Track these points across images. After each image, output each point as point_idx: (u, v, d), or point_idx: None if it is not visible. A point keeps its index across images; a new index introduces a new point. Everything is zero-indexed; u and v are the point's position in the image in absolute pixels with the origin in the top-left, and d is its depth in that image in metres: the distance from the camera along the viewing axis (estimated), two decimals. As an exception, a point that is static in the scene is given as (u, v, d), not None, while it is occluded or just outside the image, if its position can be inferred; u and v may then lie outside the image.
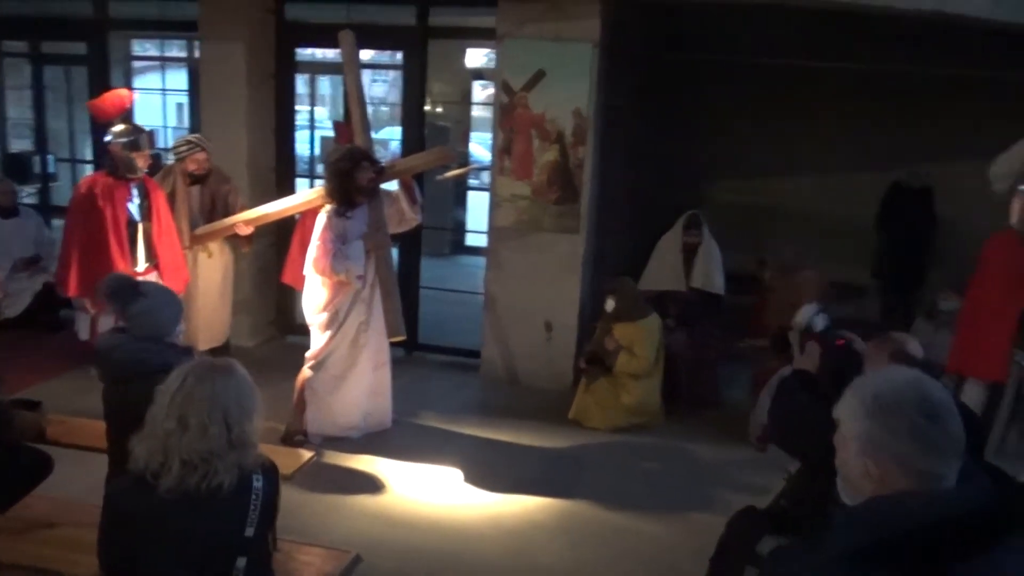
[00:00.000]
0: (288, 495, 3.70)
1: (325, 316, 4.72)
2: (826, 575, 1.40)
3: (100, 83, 6.92)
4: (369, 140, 4.96)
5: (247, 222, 5.22)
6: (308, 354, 4.84)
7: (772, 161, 7.68)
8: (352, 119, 5.04)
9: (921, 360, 2.66)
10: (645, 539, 4.10)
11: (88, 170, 11.38)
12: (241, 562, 2.21)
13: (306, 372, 4.82)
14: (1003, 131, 4.73)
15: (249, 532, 2.21)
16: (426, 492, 4.47)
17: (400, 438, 5.08)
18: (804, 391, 2.82)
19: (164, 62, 13.42)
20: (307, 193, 5.10)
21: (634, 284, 5.58)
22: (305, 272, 4.73)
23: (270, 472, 2.31)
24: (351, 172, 4.55)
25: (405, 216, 4.92)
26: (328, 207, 4.66)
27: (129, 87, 9.80)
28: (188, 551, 2.16)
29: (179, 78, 13.08)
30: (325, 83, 20.77)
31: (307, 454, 3.81)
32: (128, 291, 2.92)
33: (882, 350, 2.72)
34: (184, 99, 12.77)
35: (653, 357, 5.32)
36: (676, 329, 5.74)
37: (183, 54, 12.79)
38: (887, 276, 7.19)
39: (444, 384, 6.10)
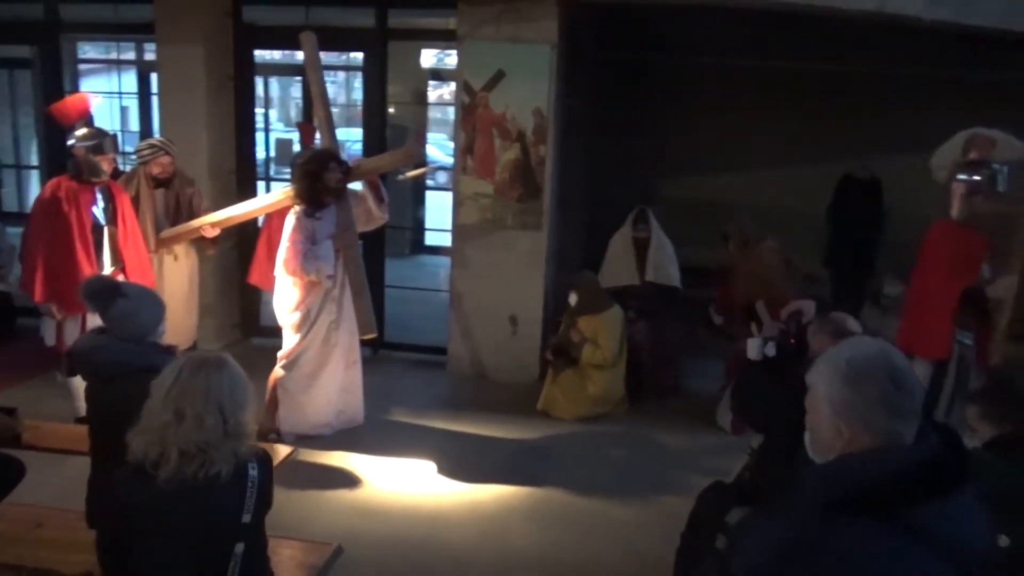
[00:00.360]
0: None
1: (297, 316, 4.77)
2: (804, 527, 1.54)
3: (52, 87, 6.84)
4: (334, 141, 5.02)
5: (213, 224, 5.24)
6: (280, 353, 4.88)
7: (727, 158, 7.90)
8: (317, 120, 5.09)
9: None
10: (615, 521, 4.26)
11: (34, 176, 11.23)
12: (239, 547, 2.28)
13: (278, 371, 4.86)
14: (944, 125, 5.00)
15: (246, 518, 2.28)
16: (401, 484, 4.56)
17: (373, 434, 5.15)
18: (765, 372, 3.01)
19: (112, 64, 13.19)
20: (274, 194, 5.14)
21: (595, 277, 5.73)
22: (276, 273, 4.78)
23: (264, 461, 2.38)
24: (319, 174, 4.62)
25: (373, 215, 5.00)
26: (297, 208, 4.71)
27: (77, 90, 9.67)
28: (187, 538, 2.22)
29: (127, 81, 12.89)
30: (274, 85, 20.63)
31: (285, 450, 3.85)
32: (109, 293, 2.94)
33: (824, 331, 2.91)
34: (130, 102, 12.61)
35: (617, 347, 5.48)
36: (637, 321, 5.91)
37: (132, 56, 12.61)
38: (838, 265, 7.47)
39: (412, 381, 6.19)
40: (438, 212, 9.75)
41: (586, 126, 7.11)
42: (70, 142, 4.69)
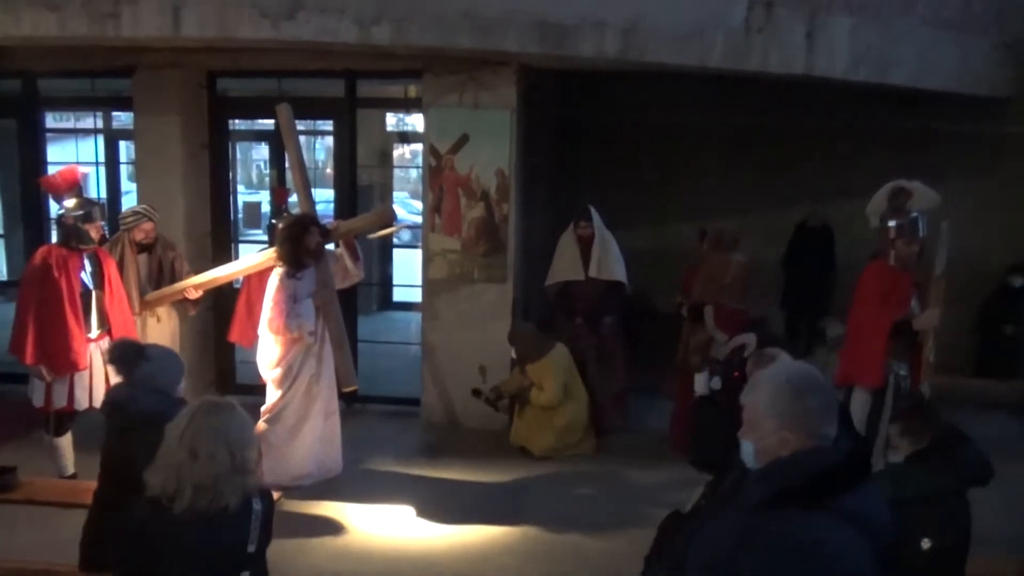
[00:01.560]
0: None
1: (279, 371, 5.03)
2: (750, 519, 1.85)
3: (33, 158, 7.09)
4: (311, 204, 5.35)
5: (196, 286, 5.48)
6: (263, 408, 5.11)
7: (680, 209, 8.35)
8: (295, 186, 5.41)
9: None
10: (590, 552, 4.54)
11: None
12: (245, 575, 2.51)
13: (262, 425, 5.07)
14: (880, 172, 5.47)
15: (251, 548, 2.51)
16: (381, 528, 4.79)
17: (352, 482, 5.37)
18: (708, 409, 3.34)
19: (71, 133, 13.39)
20: (257, 256, 5.42)
21: (530, 326, 6.07)
22: (259, 331, 5.04)
23: (266, 496, 2.63)
24: (301, 237, 4.93)
25: (349, 272, 5.31)
26: (279, 269, 5.00)
27: (44, 160, 9.86)
28: (199, 565, 2.45)
29: (85, 148, 13.07)
30: (238, 148, 20.96)
31: (274, 495, 4.06)
32: (134, 356, 3.21)
33: (759, 364, 3.24)
34: (88, 169, 12.77)
35: (559, 388, 5.78)
36: (582, 325, 6.21)
37: (98, 125, 12.83)
38: (792, 308, 7.89)
39: (387, 431, 6.43)
40: (405, 268, 10.07)
41: (547, 181, 7.53)
42: (59, 212, 4.92)
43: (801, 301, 7.80)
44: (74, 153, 13.08)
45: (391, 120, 12.61)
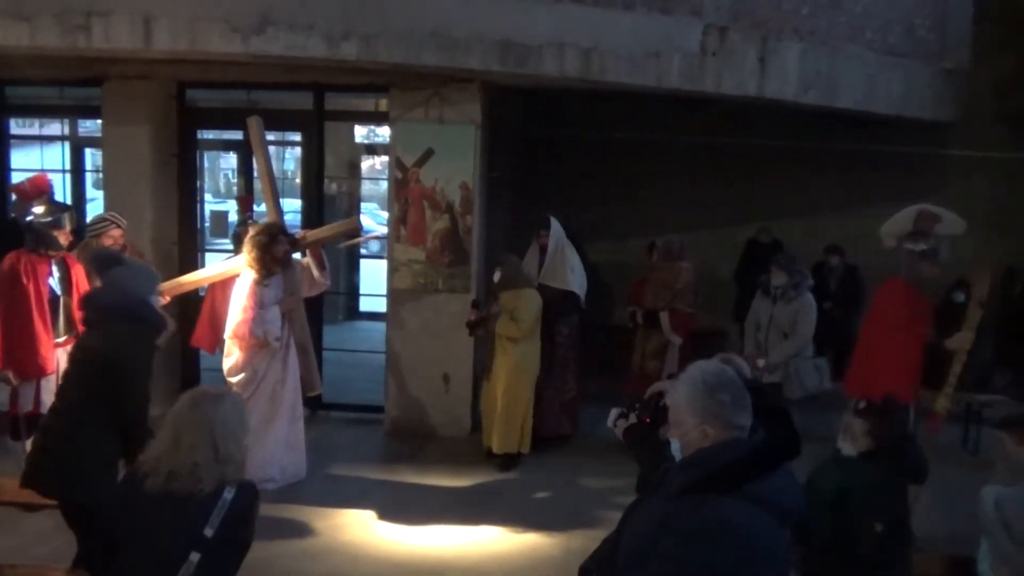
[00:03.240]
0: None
1: (243, 376, 5.14)
2: (673, 505, 2.04)
3: (-2, 165, 7.11)
4: (280, 213, 5.47)
5: (165, 292, 5.53)
6: None
7: (639, 224, 8.60)
8: (264, 196, 5.53)
9: (748, 378, 3.41)
10: (547, 551, 4.73)
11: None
12: (195, 556, 2.49)
13: None
14: (830, 190, 5.74)
15: (208, 532, 2.50)
16: (345, 532, 4.90)
17: (315, 488, 5.48)
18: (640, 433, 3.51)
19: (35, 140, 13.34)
20: (226, 264, 5.52)
21: (518, 261, 6.16)
22: (225, 336, 5.14)
23: (245, 489, 2.60)
24: (268, 245, 5.06)
25: (316, 281, 5.44)
26: (246, 276, 5.11)
27: (7, 166, 9.82)
28: (154, 539, 2.51)
29: (50, 155, 13.01)
30: (205, 158, 20.91)
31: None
32: (110, 261, 3.43)
33: None
34: (56, 176, 12.70)
35: (531, 323, 5.87)
36: None
37: (62, 132, 12.79)
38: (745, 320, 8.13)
39: (351, 438, 6.55)
40: (373, 279, 10.18)
41: (510, 195, 7.72)
42: (28, 218, 4.99)
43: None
44: (39, 160, 13.03)
45: (360, 132, 12.77)
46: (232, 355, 5.15)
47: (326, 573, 4.39)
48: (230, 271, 5.38)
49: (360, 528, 4.94)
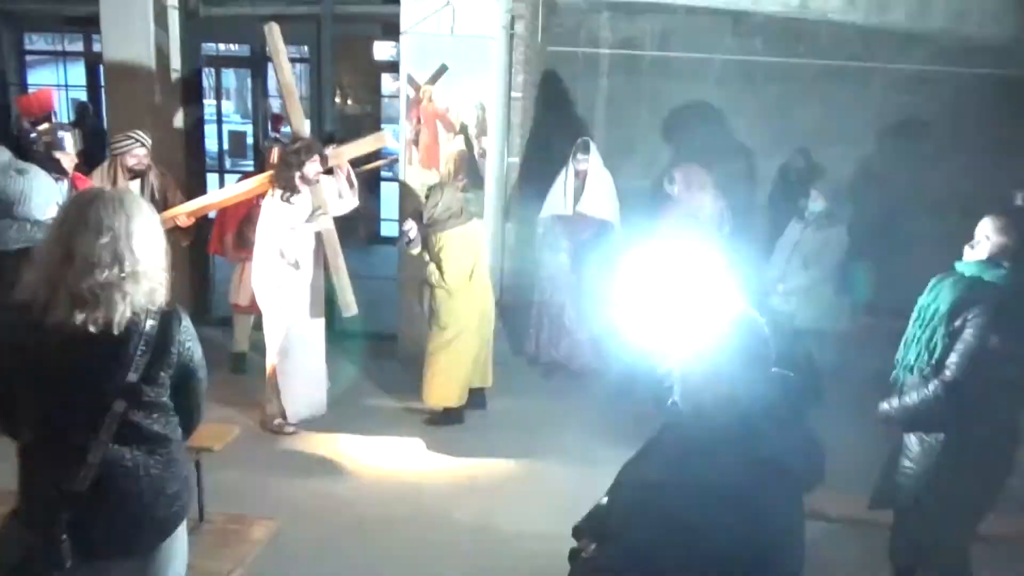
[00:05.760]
0: (214, 470, 3.94)
1: (276, 299, 4.94)
2: (675, 464, 1.95)
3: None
4: (304, 127, 5.19)
5: (188, 214, 5.26)
6: (268, 342, 5.02)
7: (667, 148, 8.14)
8: (287, 109, 5.20)
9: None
10: (549, 478, 4.65)
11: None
12: (119, 405, 2.12)
13: (272, 360, 5.02)
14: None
15: (132, 377, 2.11)
16: (348, 462, 4.82)
17: (331, 415, 5.32)
18: None
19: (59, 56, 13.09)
20: (250, 181, 5.21)
21: (454, 190, 5.36)
22: (254, 259, 4.93)
23: (167, 316, 2.18)
24: (301, 166, 4.79)
25: (344, 199, 5.14)
26: (273, 194, 4.86)
27: (24, 82, 9.59)
28: (70, 389, 2.10)
29: (74, 72, 12.76)
30: (230, 76, 20.46)
31: (234, 430, 4.01)
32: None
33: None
34: (79, 93, 12.49)
35: (456, 274, 5.03)
36: (566, 263, 6.10)
37: (80, 48, 12.50)
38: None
39: (363, 365, 6.34)
40: (391, 203, 9.86)
41: (531, 118, 7.30)
42: (32, 135, 4.74)
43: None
44: (61, 77, 12.82)
45: (383, 49, 12.29)
46: (261, 278, 4.92)
47: (322, 509, 4.26)
48: (256, 188, 5.09)
49: (365, 459, 4.85)
